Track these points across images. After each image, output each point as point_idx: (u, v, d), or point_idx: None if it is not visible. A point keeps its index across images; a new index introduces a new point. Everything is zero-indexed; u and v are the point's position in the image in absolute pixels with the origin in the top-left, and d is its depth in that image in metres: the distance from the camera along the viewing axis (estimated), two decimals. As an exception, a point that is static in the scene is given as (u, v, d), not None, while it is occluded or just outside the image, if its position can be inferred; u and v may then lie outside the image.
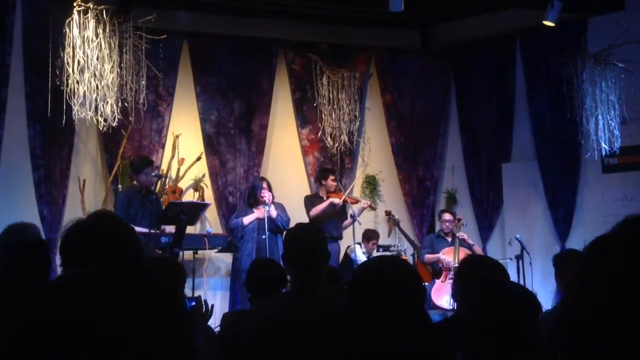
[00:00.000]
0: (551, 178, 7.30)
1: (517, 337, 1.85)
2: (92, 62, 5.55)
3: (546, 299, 6.20)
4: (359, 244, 7.10)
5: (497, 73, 7.74)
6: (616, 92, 6.56)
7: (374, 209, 7.40)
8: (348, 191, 7.12)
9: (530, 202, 7.43)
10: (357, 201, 7.15)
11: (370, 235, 7.14)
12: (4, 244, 2.35)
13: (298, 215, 6.89)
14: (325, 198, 6.98)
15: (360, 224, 6.96)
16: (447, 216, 7.15)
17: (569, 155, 7.17)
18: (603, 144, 6.51)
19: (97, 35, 5.59)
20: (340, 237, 7.01)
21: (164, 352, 0.77)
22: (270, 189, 6.48)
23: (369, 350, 1.59)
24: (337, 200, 6.79)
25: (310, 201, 6.95)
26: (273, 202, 6.45)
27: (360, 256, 6.89)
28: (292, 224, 6.68)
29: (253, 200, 6.51)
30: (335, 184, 7.04)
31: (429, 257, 7.02)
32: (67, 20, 5.53)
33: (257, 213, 6.45)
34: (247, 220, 6.42)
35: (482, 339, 1.85)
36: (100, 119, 5.69)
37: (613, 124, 6.55)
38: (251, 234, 6.41)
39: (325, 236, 2.71)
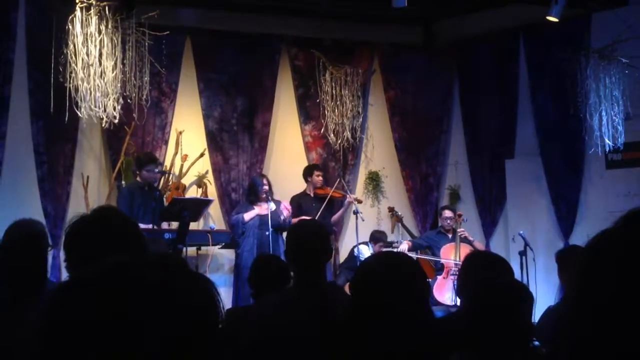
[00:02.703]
0: (554, 174, 7.28)
1: (510, 332, 1.85)
2: (95, 58, 5.56)
3: (549, 295, 6.19)
4: (366, 243, 7.08)
5: (500, 69, 7.72)
6: (620, 87, 6.54)
7: (360, 202, 7.36)
8: (335, 186, 7.13)
9: (534, 198, 7.42)
10: (342, 195, 7.15)
11: (378, 238, 7.12)
12: (11, 239, 2.36)
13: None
14: (312, 195, 7.01)
15: (363, 220, 6.96)
16: (447, 213, 7.15)
17: (572, 151, 7.15)
18: (607, 140, 6.49)
19: (99, 32, 5.59)
20: (330, 233, 7.02)
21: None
22: (270, 186, 6.49)
23: (371, 346, 1.59)
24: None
25: (296, 202, 6.94)
26: (273, 200, 6.48)
27: (367, 256, 6.88)
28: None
29: (254, 197, 6.52)
30: (320, 179, 7.11)
31: (406, 243, 7.08)
32: (70, 17, 5.53)
33: (258, 209, 6.46)
34: (247, 216, 6.44)
35: (476, 336, 1.85)
36: (103, 115, 5.69)
37: (617, 119, 6.53)
38: (252, 230, 6.43)
39: (328, 233, 2.71)
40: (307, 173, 7.17)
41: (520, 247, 6.44)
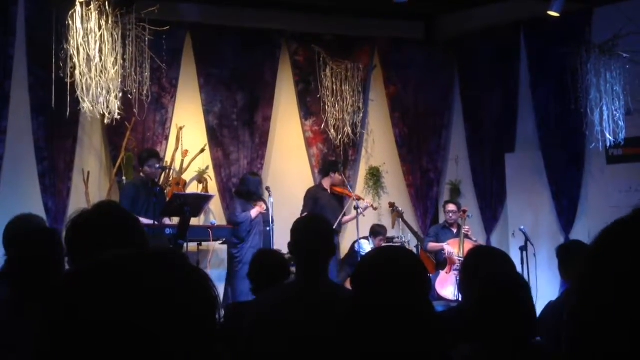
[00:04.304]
0: (555, 169, 7.28)
1: (514, 326, 1.85)
2: (95, 54, 5.55)
3: (550, 290, 6.19)
4: (367, 238, 7.09)
5: (501, 64, 7.70)
6: (621, 82, 6.53)
7: (375, 209, 7.37)
8: (354, 192, 7.14)
9: (535, 194, 7.42)
10: (358, 198, 7.13)
11: (378, 232, 7.12)
12: (13, 233, 2.36)
13: (300, 207, 6.90)
14: (329, 190, 6.99)
15: (364, 216, 6.97)
16: (451, 207, 7.14)
17: (573, 146, 7.14)
18: (608, 135, 6.48)
19: (100, 27, 5.58)
20: (339, 231, 7.02)
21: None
22: None
23: (371, 341, 1.59)
24: None
25: (312, 196, 6.90)
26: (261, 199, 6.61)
27: (367, 250, 6.89)
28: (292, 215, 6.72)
29: (257, 198, 6.53)
30: (342, 178, 7.10)
31: (432, 245, 7.02)
32: (70, 12, 5.52)
33: (259, 208, 6.47)
34: (254, 213, 6.44)
35: (480, 330, 1.86)
36: (103, 111, 5.69)
37: (618, 114, 6.52)
38: (258, 227, 6.44)
39: (332, 229, 2.71)
40: (332, 169, 7.09)
41: (521, 242, 6.45)
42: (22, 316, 1.92)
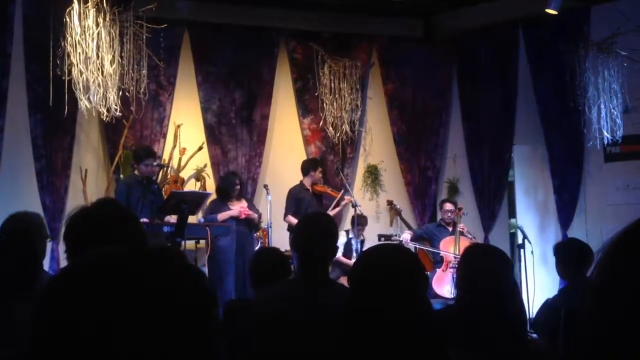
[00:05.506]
0: (554, 168, 7.28)
1: (499, 321, 1.86)
2: (92, 51, 5.54)
3: (547, 288, 6.21)
4: (347, 231, 7.10)
5: (499, 61, 7.69)
6: (619, 80, 6.54)
7: (354, 206, 7.26)
8: (342, 192, 7.09)
9: (533, 192, 7.43)
10: (340, 196, 7.09)
11: (358, 222, 7.07)
12: (5, 232, 2.35)
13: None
14: (310, 190, 6.95)
15: (361, 214, 6.96)
16: (448, 206, 7.14)
17: (571, 144, 7.15)
18: (605, 133, 6.49)
19: (97, 25, 5.57)
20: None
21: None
22: (241, 185, 6.59)
23: (369, 339, 1.60)
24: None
25: (294, 197, 6.82)
26: (244, 198, 6.59)
27: (341, 240, 6.81)
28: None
29: (227, 196, 6.48)
30: (321, 176, 7.06)
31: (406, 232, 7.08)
32: (68, 10, 5.51)
33: (232, 211, 6.40)
34: (221, 217, 6.34)
35: (468, 329, 1.86)
36: (101, 109, 5.68)
37: (615, 112, 6.53)
38: (231, 227, 6.38)
39: (335, 228, 2.70)
40: (311, 167, 7.00)
41: (519, 240, 6.45)
42: (8, 315, 1.91)
